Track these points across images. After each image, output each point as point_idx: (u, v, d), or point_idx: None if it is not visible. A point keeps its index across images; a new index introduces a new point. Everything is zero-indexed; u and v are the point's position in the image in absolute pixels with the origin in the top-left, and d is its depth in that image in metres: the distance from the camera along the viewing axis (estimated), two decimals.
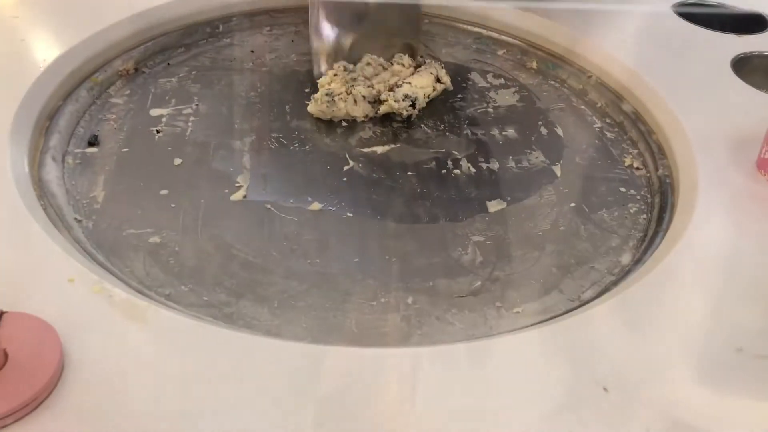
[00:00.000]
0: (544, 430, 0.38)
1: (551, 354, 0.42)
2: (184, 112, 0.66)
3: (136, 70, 0.71)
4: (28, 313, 0.40)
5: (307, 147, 0.64)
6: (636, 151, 0.66)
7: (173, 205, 0.56)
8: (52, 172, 0.56)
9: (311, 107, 0.66)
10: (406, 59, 0.72)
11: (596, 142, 0.67)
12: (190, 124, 0.65)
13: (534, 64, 0.78)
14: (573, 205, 0.59)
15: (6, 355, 0.37)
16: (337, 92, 0.66)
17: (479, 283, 0.51)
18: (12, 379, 0.36)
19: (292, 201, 0.57)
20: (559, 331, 0.44)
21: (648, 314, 0.46)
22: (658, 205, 0.59)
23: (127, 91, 0.69)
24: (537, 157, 0.65)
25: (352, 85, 0.67)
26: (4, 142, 0.54)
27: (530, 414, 0.39)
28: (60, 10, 0.72)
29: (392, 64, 0.71)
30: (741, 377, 0.42)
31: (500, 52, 0.80)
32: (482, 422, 0.38)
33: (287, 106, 0.68)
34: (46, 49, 0.65)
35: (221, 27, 0.79)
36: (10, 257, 0.45)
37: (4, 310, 0.39)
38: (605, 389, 0.40)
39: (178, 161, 0.60)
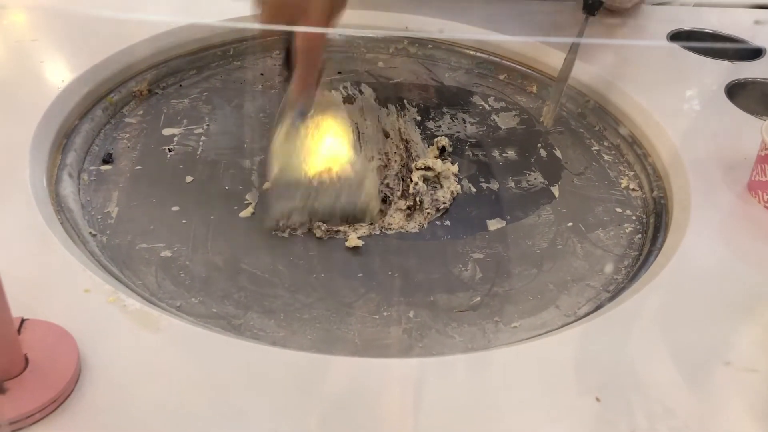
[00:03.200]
0: None
1: (546, 365, 0.44)
2: (196, 131, 0.69)
3: (150, 91, 0.74)
4: (47, 321, 0.42)
5: None
6: (632, 173, 0.68)
7: (184, 221, 0.58)
8: (68, 187, 0.59)
9: None
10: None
11: (594, 164, 0.69)
12: (201, 143, 0.67)
13: (534, 89, 0.81)
14: (570, 224, 0.61)
15: (27, 360, 0.39)
16: None
17: (478, 298, 0.53)
18: (32, 381, 0.38)
19: None
20: (554, 344, 0.46)
21: (640, 328, 0.47)
22: (653, 225, 0.61)
23: (141, 112, 0.71)
24: (536, 178, 0.67)
25: None
26: (24, 158, 0.56)
27: (526, 422, 0.40)
28: (77, 34, 0.75)
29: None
30: (729, 389, 0.43)
31: (501, 77, 0.83)
32: (477, 430, 0.40)
33: None
34: (63, 71, 0.68)
35: (232, 50, 0.81)
36: (30, 268, 0.47)
37: (25, 317, 0.41)
38: (597, 399, 0.41)
39: (189, 179, 0.62)
